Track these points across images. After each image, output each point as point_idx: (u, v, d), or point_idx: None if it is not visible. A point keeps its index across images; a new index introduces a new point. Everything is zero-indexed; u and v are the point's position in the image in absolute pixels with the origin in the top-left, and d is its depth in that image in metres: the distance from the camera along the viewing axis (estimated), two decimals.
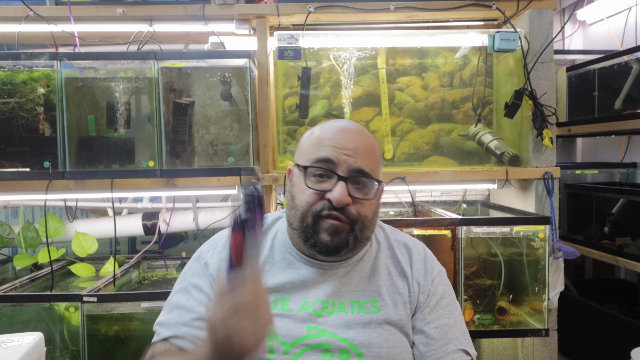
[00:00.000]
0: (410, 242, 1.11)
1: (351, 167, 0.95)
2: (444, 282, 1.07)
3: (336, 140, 0.96)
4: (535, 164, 1.97)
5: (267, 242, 1.06)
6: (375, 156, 0.99)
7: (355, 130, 0.99)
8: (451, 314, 1.04)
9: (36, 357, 1.09)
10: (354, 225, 0.95)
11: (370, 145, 0.99)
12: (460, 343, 1.01)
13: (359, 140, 0.97)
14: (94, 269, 2.03)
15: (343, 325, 0.97)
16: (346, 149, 0.95)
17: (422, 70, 2.14)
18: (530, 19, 1.95)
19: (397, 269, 1.06)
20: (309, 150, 0.98)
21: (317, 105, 2.09)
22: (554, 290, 1.89)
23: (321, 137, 0.98)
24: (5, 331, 1.26)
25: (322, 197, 0.95)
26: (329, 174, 0.95)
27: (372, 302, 1.01)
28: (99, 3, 1.91)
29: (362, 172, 0.95)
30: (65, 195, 2.10)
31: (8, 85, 1.76)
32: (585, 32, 2.99)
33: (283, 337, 0.95)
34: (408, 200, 2.13)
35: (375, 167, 0.98)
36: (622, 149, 2.66)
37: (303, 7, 1.88)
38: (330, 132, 0.98)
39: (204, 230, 2.20)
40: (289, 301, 0.99)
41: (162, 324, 0.99)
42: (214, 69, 1.83)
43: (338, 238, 0.95)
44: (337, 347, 0.95)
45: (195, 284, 1.01)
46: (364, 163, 0.95)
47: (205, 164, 1.86)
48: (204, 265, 1.03)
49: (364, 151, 0.96)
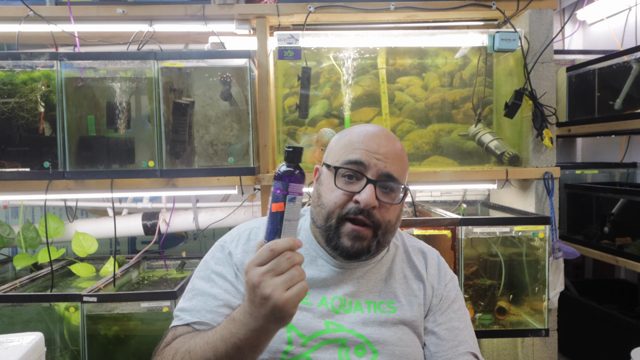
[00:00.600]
0: (426, 248, 1.15)
1: (381, 171, 0.97)
2: (456, 288, 1.11)
3: (368, 144, 0.99)
4: (535, 164, 1.97)
5: None
6: (403, 163, 1.02)
7: (387, 136, 1.02)
8: (462, 318, 1.07)
9: (36, 357, 1.09)
10: (377, 230, 0.97)
11: (399, 152, 1.01)
12: (469, 346, 1.04)
13: (390, 145, 1.00)
14: (94, 269, 2.03)
15: (360, 323, 1.00)
16: (377, 153, 0.98)
17: (422, 70, 2.14)
18: (530, 19, 1.95)
19: (413, 272, 1.09)
20: (340, 152, 1.01)
21: (317, 105, 2.09)
22: (554, 290, 1.89)
23: (353, 140, 1.00)
24: (5, 331, 1.26)
25: (349, 199, 0.97)
26: (358, 176, 0.97)
27: (388, 303, 1.04)
28: (99, 3, 1.90)
29: (391, 177, 0.98)
30: (65, 195, 2.10)
31: (8, 85, 1.76)
32: (585, 32, 2.99)
33: (302, 330, 0.98)
34: (408, 200, 2.13)
35: (403, 174, 1.01)
36: (622, 149, 2.66)
37: (303, 7, 1.88)
38: (362, 135, 1.01)
39: (204, 230, 2.20)
40: (309, 296, 1.00)
41: (185, 309, 0.99)
42: (214, 69, 1.83)
43: (359, 244, 0.97)
44: (353, 342, 0.98)
45: (219, 271, 1.02)
46: (393, 168, 0.98)
47: (205, 164, 1.86)
48: (227, 254, 1.04)
49: (394, 157, 0.99)
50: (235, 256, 1.03)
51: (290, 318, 0.79)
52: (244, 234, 1.08)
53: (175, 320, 0.99)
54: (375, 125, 1.05)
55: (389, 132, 1.05)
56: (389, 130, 1.05)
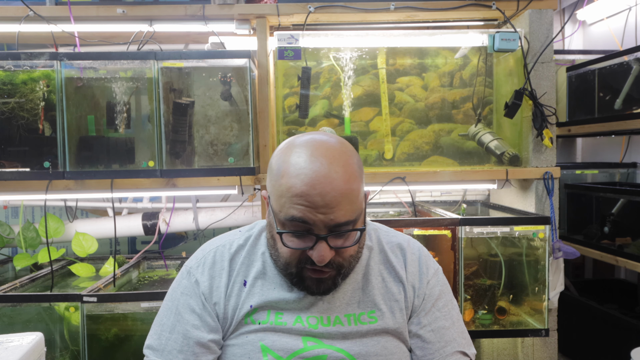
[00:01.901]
0: (405, 242, 1.06)
1: (329, 224, 0.85)
2: (440, 282, 1.04)
3: (307, 198, 0.84)
4: (535, 164, 1.97)
5: (257, 256, 1.01)
6: (353, 198, 0.87)
7: (326, 176, 0.84)
8: (447, 314, 1.02)
9: (36, 357, 1.09)
10: (341, 270, 0.92)
11: (345, 189, 0.85)
12: (457, 345, 1.00)
13: (332, 190, 0.84)
14: (94, 269, 2.03)
15: (340, 337, 0.95)
16: (319, 206, 0.84)
17: (422, 70, 2.14)
18: (530, 19, 1.95)
19: (391, 274, 1.02)
20: (279, 198, 0.88)
21: (317, 105, 2.09)
22: (554, 290, 1.89)
23: (290, 188, 0.85)
24: (5, 331, 1.26)
25: (303, 253, 0.89)
26: (305, 232, 0.87)
27: (369, 313, 0.98)
28: (99, 3, 1.90)
29: (341, 225, 0.86)
30: (65, 195, 2.10)
31: (8, 85, 1.76)
32: (585, 32, 2.99)
33: (278, 352, 0.93)
34: (408, 200, 2.13)
35: (356, 208, 0.88)
36: (622, 149, 2.66)
37: (303, 7, 1.88)
38: (299, 181, 0.85)
39: (204, 230, 2.20)
40: (282, 316, 0.96)
41: (154, 348, 0.95)
42: (214, 69, 1.83)
43: (324, 285, 0.92)
44: (334, 358, 0.94)
45: (186, 303, 0.97)
46: (342, 214, 0.85)
47: (205, 164, 1.86)
48: (194, 283, 0.98)
49: (340, 201, 0.85)
50: (202, 284, 0.98)
51: None
52: (209, 257, 1.01)
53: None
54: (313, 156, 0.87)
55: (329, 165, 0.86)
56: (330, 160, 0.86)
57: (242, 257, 1.01)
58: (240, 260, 1.00)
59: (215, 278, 0.99)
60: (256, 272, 0.99)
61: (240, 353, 0.94)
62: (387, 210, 2.24)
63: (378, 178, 1.87)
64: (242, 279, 0.99)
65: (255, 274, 0.99)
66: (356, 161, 0.91)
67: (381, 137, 2.07)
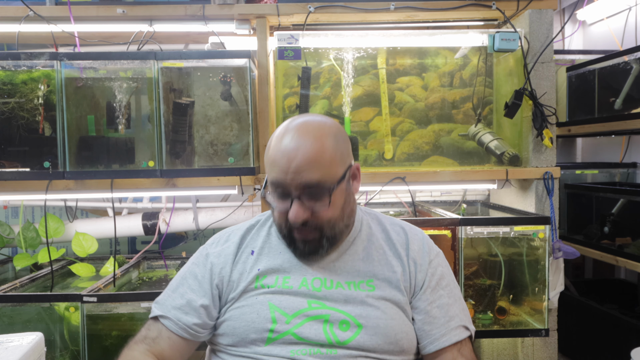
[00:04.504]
0: (407, 225, 1.17)
1: (299, 184, 0.98)
2: (443, 264, 1.14)
3: (280, 164, 0.99)
4: (535, 164, 1.97)
5: (264, 230, 1.15)
6: (323, 160, 0.99)
7: (296, 146, 0.98)
8: (451, 293, 1.10)
9: (36, 357, 1.09)
10: (322, 231, 1.02)
11: (315, 154, 0.98)
12: (460, 320, 1.08)
13: (300, 155, 0.97)
14: (94, 269, 2.03)
15: (342, 300, 1.04)
16: (290, 168, 0.98)
17: (422, 70, 2.14)
18: (530, 19, 1.95)
19: (391, 249, 1.11)
20: (267, 167, 1.04)
21: (317, 105, 2.09)
22: (554, 290, 1.89)
23: (271, 157, 1.02)
24: (5, 331, 1.26)
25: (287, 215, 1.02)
26: (284, 193, 1.01)
27: (367, 281, 1.07)
28: (99, 3, 1.90)
29: (311, 185, 0.98)
30: (65, 195, 2.10)
31: (8, 85, 1.76)
32: (585, 32, 2.99)
33: (285, 309, 1.03)
34: (408, 200, 2.13)
35: (325, 171, 0.99)
36: (622, 149, 2.66)
37: (303, 7, 1.88)
38: (276, 152, 1.01)
39: (204, 230, 2.20)
40: (289, 279, 1.06)
41: (158, 302, 1.12)
42: (214, 69, 1.83)
43: (310, 246, 1.04)
44: (336, 318, 1.02)
45: (193, 271, 1.12)
46: (311, 175, 0.98)
47: (205, 164, 1.86)
48: (205, 255, 1.13)
49: (308, 163, 0.97)
50: (211, 256, 1.12)
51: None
52: (223, 235, 1.17)
53: (151, 312, 1.11)
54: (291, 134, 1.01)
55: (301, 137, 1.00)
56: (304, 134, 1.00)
57: (252, 233, 1.16)
58: (250, 236, 1.15)
59: (225, 250, 1.13)
60: (262, 242, 1.12)
61: (250, 311, 1.04)
62: (387, 210, 2.24)
63: (378, 178, 1.87)
64: (250, 250, 1.12)
65: (262, 243, 1.12)
66: (333, 134, 1.03)
67: (381, 137, 2.07)
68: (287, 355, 1.00)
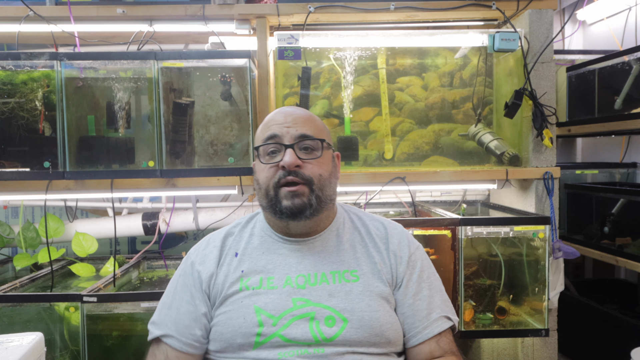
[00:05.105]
0: (386, 221, 1.21)
1: (294, 135, 1.08)
2: (422, 257, 1.17)
3: (277, 119, 1.11)
4: (535, 164, 1.97)
5: (247, 232, 1.18)
6: (315, 123, 1.12)
7: (293, 108, 1.15)
8: (432, 285, 1.13)
9: (36, 357, 1.09)
10: (312, 185, 1.06)
11: (308, 116, 1.13)
12: (441, 310, 1.11)
13: (296, 113, 1.12)
14: (94, 269, 2.03)
15: (326, 294, 1.05)
16: (286, 122, 1.09)
17: (422, 70, 2.14)
18: (530, 19, 1.95)
19: (371, 242, 1.15)
20: (259, 136, 1.13)
21: (317, 105, 2.09)
22: (554, 290, 1.89)
23: (266, 122, 1.13)
24: (5, 331, 1.26)
25: (278, 169, 1.07)
26: (278, 147, 1.08)
27: (352, 271, 1.09)
28: (99, 3, 1.90)
29: (305, 136, 1.08)
30: (65, 195, 2.10)
31: (8, 85, 1.76)
32: (585, 32, 2.99)
33: (271, 311, 1.04)
34: (408, 200, 2.13)
35: (317, 131, 1.11)
36: (622, 149, 2.66)
37: (303, 7, 1.88)
38: (272, 115, 1.14)
39: (204, 230, 2.20)
40: (273, 279, 1.07)
41: (154, 323, 1.11)
42: (214, 69, 1.83)
43: (299, 200, 1.05)
44: (322, 314, 1.03)
45: (183, 283, 1.13)
46: (305, 129, 1.09)
47: (205, 164, 1.86)
48: (190, 264, 1.14)
49: (303, 120, 1.10)
50: (197, 263, 1.13)
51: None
52: (203, 241, 1.19)
53: (149, 335, 1.10)
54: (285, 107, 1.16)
55: (296, 107, 1.17)
56: (296, 108, 1.16)
57: (234, 236, 1.18)
58: (232, 239, 1.17)
59: (208, 255, 1.14)
60: (245, 243, 1.14)
61: (236, 315, 1.05)
62: (387, 210, 2.24)
63: (378, 178, 1.87)
64: (233, 252, 1.14)
65: (245, 244, 1.14)
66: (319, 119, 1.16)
67: (381, 137, 2.07)
68: (276, 358, 1.01)
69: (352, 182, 1.88)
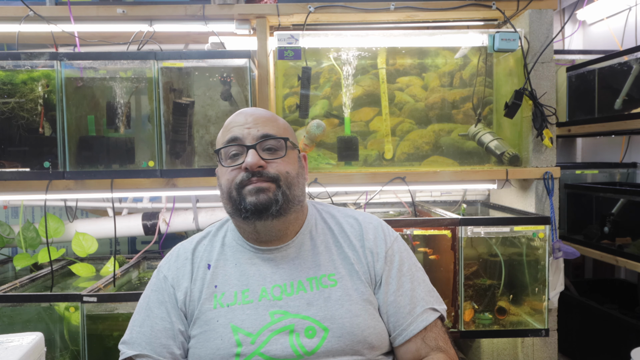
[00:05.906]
0: (360, 216, 1.16)
1: (255, 135, 1.04)
2: (400, 249, 1.11)
3: (237, 121, 1.07)
4: (535, 164, 1.97)
5: (218, 241, 1.12)
6: (278, 122, 1.09)
7: (254, 109, 1.12)
8: (413, 277, 1.08)
9: (36, 357, 1.09)
10: (278, 182, 1.02)
11: (270, 115, 1.10)
12: (426, 302, 1.06)
13: (257, 113, 1.09)
14: (94, 269, 2.03)
15: (304, 304, 1.01)
16: (247, 123, 1.06)
17: (422, 70, 2.14)
18: (530, 19, 1.95)
19: (346, 242, 1.10)
20: (220, 139, 1.10)
21: (317, 105, 2.09)
22: (554, 290, 1.89)
23: (226, 125, 1.10)
24: (5, 331, 1.26)
25: (240, 171, 1.02)
26: (240, 149, 1.04)
27: (329, 275, 1.05)
28: (99, 3, 1.90)
29: (268, 136, 1.04)
30: (65, 195, 2.10)
31: (8, 85, 1.76)
32: (585, 32, 2.99)
33: (248, 329, 0.99)
34: (408, 200, 2.13)
35: (280, 130, 1.08)
36: (622, 149, 2.66)
37: (303, 7, 1.88)
38: (232, 117, 1.10)
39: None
40: (248, 292, 1.03)
41: (126, 342, 1.04)
42: (214, 69, 1.83)
43: (263, 195, 1.00)
44: (301, 326, 0.99)
45: (156, 299, 1.07)
46: (267, 129, 1.05)
47: (205, 164, 1.86)
48: (162, 278, 1.09)
49: (265, 120, 1.07)
50: (170, 277, 1.08)
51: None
52: (173, 253, 1.14)
53: (120, 355, 1.04)
54: (247, 109, 1.13)
55: (258, 108, 1.15)
56: (257, 109, 1.13)
57: (204, 246, 1.12)
58: (202, 249, 1.12)
59: (180, 268, 1.09)
60: (217, 254, 1.09)
61: (214, 337, 1.00)
62: (387, 210, 2.24)
63: (378, 178, 1.87)
64: (205, 263, 1.09)
65: (217, 255, 1.09)
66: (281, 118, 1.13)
67: (381, 137, 2.07)
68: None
69: (352, 182, 1.88)
